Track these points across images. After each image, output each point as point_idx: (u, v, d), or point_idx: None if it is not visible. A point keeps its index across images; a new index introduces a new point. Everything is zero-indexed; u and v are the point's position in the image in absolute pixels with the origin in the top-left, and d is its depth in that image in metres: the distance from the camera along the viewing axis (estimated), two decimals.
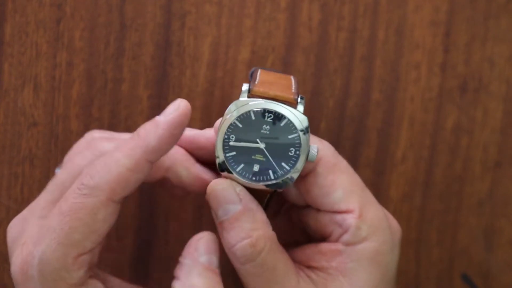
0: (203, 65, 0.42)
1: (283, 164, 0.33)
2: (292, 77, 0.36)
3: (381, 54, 0.43)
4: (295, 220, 0.38)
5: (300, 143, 0.33)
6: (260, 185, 0.33)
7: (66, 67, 0.41)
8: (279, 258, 0.33)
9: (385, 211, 0.36)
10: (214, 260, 0.33)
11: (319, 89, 0.43)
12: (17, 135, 0.41)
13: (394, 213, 0.44)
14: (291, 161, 0.33)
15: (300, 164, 0.33)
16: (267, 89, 0.34)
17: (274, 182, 0.33)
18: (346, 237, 0.34)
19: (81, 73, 0.42)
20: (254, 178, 0.33)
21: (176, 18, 0.42)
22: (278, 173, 0.33)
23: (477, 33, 0.44)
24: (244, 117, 0.33)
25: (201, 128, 0.42)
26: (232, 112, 0.33)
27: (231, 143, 0.33)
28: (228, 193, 0.33)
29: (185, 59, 0.42)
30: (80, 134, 0.42)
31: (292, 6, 0.42)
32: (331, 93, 0.43)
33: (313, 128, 0.43)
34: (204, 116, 0.42)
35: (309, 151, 0.33)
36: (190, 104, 0.42)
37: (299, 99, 0.34)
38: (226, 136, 0.33)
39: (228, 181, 0.33)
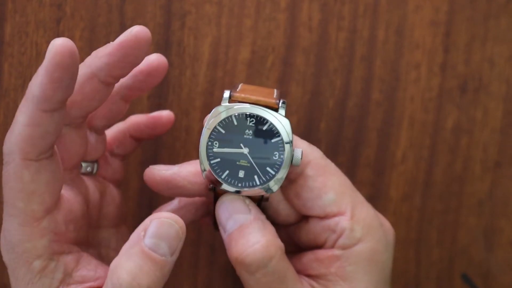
0: (203, 65, 0.42)
1: (267, 168, 0.33)
2: (274, 89, 0.36)
3: (381, 54, 0.43)
4: (284, 238, 0.37)
5: (283, 147, 0.33)
6: (247, 192, 0.33)
7: None
8: (289, 268, 0.33)
9: (376, 211, 0.36)
10: (163, 248, 0.31)
11: (319, 89, 0.43)
12: None
13: (394, 213, 0.44)
14: (276, 166, 0.33)
15: (284, 169, 0.33)
16: (248, 94, 0.34)
17: (259, 187, 0.33)
18: (341, 241, 0.34)
19: None
20: (240, 185, 0.33)
21: (176, 18, 0.42)
22: (263, 178, 0.33)
23: (477, 33, 0.44)
24: (226, 123, 0.33)
25: (200, 128, 0.42)
26: (214, 118, 0.33)
27: (215, 150, 0.33)
28: (238, 204, 0.33)
29: (185, 59, 0.42)
30: None
31: (292, 6, 0.42)
32: (331, 93, 0.43)
33: (313, 128, 0.43)
34: (204, 116, 0.42)
35: (293, 155, 0.33)
36: (190, 104, 0.43)
37: (280, 103, 0.34)
38: (209, 143, 0.33)
39: (235, 194, 0.33)
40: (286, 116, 0.33)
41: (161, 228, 0.31)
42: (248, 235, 0.32)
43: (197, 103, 0.42)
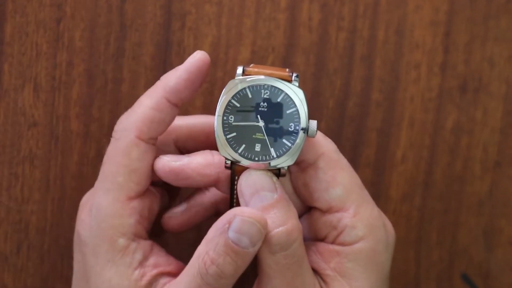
0: None
1: (284, 140, 0.33)
2: (286, 68, 0.36)
3: (381, 54, 0.43)
4: None
5: (298, 118, 0.33)
6: (263, 166, 0.33)
7: (66, 67, 0.41)
8: (305, 254, 0.34)
9: (380, 211, 0.36)
10: (246, 241, 0.32)
11: (319, 89, 0.43)
12: (17, 135, 0.42)
13: (394, 213, 0.44)
14: (292, 137, 0.33)
15: (300, 141, 0.33)
16: (261, 69, 0.34)
17: (277, 160, 0.33)
18: (342, 238, 0.34)
19: (81, 73, 0.42)
20: (256, 159, 0.33)
21: (176, 18, 0.42)
22: (280, 151, 0.33)
23: (477, 33, 0.44)
24: (241, 96, 0.33)
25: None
26: (228, 92, 0.33)
27: (231, 123, 0.33)
28: (266, 180, 0.33)
29: (185, 59, 0.42)
30: (80, 134, 0.42)
31: (292, 6, 0.42)
32: (331, 93, 0.43)
33: None
34: None
35: (308, 126, 0.33)
36: (190, 104, 0.43)
37: (293, 76, 0.34)
38: (224, 117, 0.33)
39: (263, 170, 0.33)
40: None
41: (244, 225, 0.32)
42: (274, 216, 0.32)
43: (197, 103, 0.42)
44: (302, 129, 0.33)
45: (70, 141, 0.42)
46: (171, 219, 0.38)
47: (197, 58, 0.34)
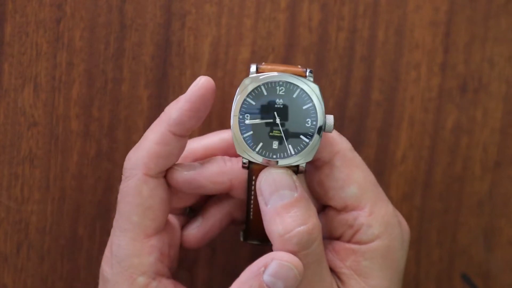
0: (203, 65, 0.42)
1: (301, 137, 0.33)
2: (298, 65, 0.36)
3: (381, 54, 0.43)
4: None
5: (315, 113, 0.33)
6: (283, 163, 0.33)
7: (66, 67, 0.41)
8: (324, 253, 0.33)
9: (395, 209, 0.36)
10: (280, 286, 0.32)
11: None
12: (17, 135, 0.41)
13: None
14: (309, 133, 0.33)
15: (318, 136, 0.32)
16: (275, 66, 0.34)
17: (294, 157, 0.33)
18: (358, 237, 0.34)
19: (81, 73, 0.42)
20: (274, 156, 0.33)
21: (176, 18, 0.42)
22: (298, 148, 0.33)
23: (477, 33, 0.44)
24: (256, 94, 0.33)
25: (202, 129, 0.42)
26: (244, 90, 0.33)
27: (247, 122, 0.33)
28: (286, 179, 0.33)
29: (185, 59, 0.42)
30: (80, 134, 0.42)
31: (292, 6, 0.42)
32: (331, 93, 0.43)
33: None
34: None
35: (325, 121, 0.33)
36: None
37: (308, 72, 0.33)
38: (240, 116, 0.33)
39: (284, 167, 0.33)
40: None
41: (281, 270, 0.31)
42: (294, 215, 0.32)
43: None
44: (319, 125, 0.33)
45: (70, 141, 0.42)
46: (190, 236, 0.37)
47: (199, 85, 0.33)
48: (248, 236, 0.37)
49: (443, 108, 0.44)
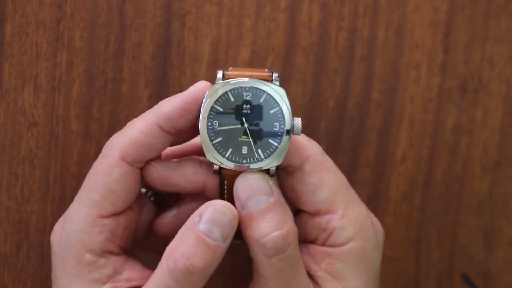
0: (203, 65, 0.42)
1: (270, 141, 0.33)
2: (265, 69, 0.36)
3: (381, 54, 0.43)
4: None
5: (282, 117, 0.33)
6: (253, 168, 0.33)
7: (66, 67, 0.41)
8: (299, 256, 0.34)
9: (369, 211, 0.36)
10: (216, 233, 0.32)
11: (319, 89, 0.43)
12: (17, 135, 0.41)
13: (394, 213, 0.44)
14: (278, 137, 0.33)
15: (286, 139, 0.33)
16: (241, 72, 0.34)
17: (265, 162, 0.33)
18: (332, 240, 0.34)
19: (81, 73, 0.42)
20: (244, 161, 0.33)
21: (176, 18, 0.42)
22: (267, 151, 0.33)
23: (477, 33, 0.44)
24: (223, 100, 0.33)
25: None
26: (210, 97, 0.33)
27: (216, 128, 0.33)
28: (262, 184, 0.33)
29: (185, 59, 0.42)
30: (80, 134, 0.42)
31: (292, 6, 0.42)
32: (331, 93, 0.43)
33: (313, 128, 0.43)
34: None
35: (293, 124, 0.33)
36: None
37: (274, 76, 0.34)
38: (209, 123, 0.33)
39: (261, 172, 0.33)
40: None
41: (215, 215, 0.32)
42: (270, 220, 0.32)
43: None
44: (287, 128, 0.33)
45: (70, 141, 0.42)
46: (163, 225, 0.37)
47: (198, 88, 0.33)
48: None
49: (443, 108, 0.44)
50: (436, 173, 0.44)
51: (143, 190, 0.38)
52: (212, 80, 0.43)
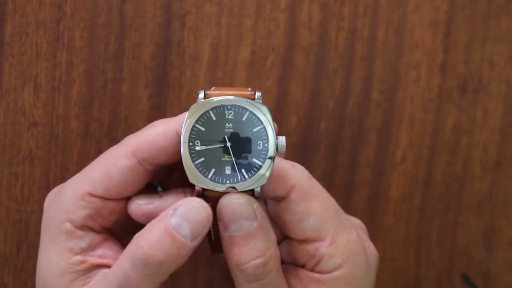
0: (203, 65, 0.42)
1: (254, 160, 0.32)
2: (248, 88, 0.35)
3: (381, 54, 0.43)
4: None
5: (266, 135, 0.32)
6: (237, 189, 0.32)
7: (66, 67, 0.41)
8: (282, 278, 0.33)
9: (361, 233, 0.36)
10: (185, 229, 0.31)
11: (319, 89, 0.43)
12: (17, 135, 0.42)
13: (394, 213, 0.44)
14: (262, 156, 0.32)
15: (270, 159, 0.32)
16: (223, 91, 0.33)
17: (248, 181, 0.32)
18: (320, 267, 0.34)
19: (81, 73, 0.42)
20: (228, 182, 0.32)
21: (176, 18, 0.42)
22: (251, 171, 0.32)
23: (477, 33, 0.44)
24: (205, 119, 0.32)
25: None
26: (191, 117, 0.32)
27: (197, 148, 0.32)
28: (245, 208, 0.32)
29: (185, 59, 0.42)
30: (80, 134, 0.42)
31: (292, 6, 0.42)
32: (331, 93, 0.43)
33: (313, 128, 0.43)
34: None
35: (277, 143, 0.32)
36: (190, 104, 0.42)
37: (257, 95, 0.33)
38: (191, 143, 0.32)
39: (245, 195, 0.32)
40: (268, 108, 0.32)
41: (189, 211, 0.31)
42: (252, 246, 0.32)
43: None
44: (271, 147, 0.32)
45: (70, 141, 0.42)
46: (139, 209, 0.35)
47: None
48: (214, 249, 0.36)
49: (443, 108, 0.44)
50: (436, 173, 0.44)
51: (156, 186, 0.37)
52: (210, 81, 0.43)
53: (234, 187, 0.32)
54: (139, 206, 0.34)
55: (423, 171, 0.44)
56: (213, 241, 0.35)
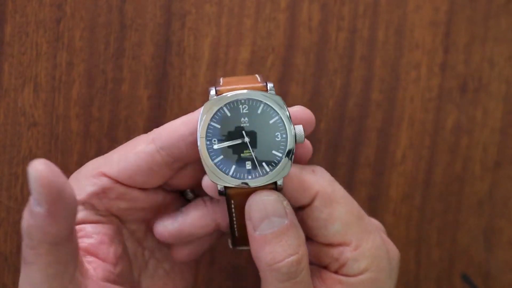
0: (203, 65, 0.42)
1: (273, 152, 0.32)
2: (255, 75, 0.35)
3: (381, 54, 0.43)
4: None
5: (283, 126, 0.32)
6: (259, 183, 0.31)
7: (66, 67, 0.41)
8: (310, 279, 0.33)
9: (383, 236, 0.36)
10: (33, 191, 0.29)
11: (319, 89, 0.43)
12: (17, 135, 0.41)
13: (394, 213, 0.44)
14: (281, 147, 0.32)
15: (291, 145, 0.31)
16: (234, 85, 0.32)
17: (271, 175, 0.31)
18: (345, 270, 0.34)
19: (81, 73, 0.42)
20: (250, 177, 0.31)
21: (176, 18, 0.42)
22: (272, 164, 0.31)
23: (477, 33, 0.44)
24: (220, 116, 0.32)
25: None
26: (205, 115, 0.32)
27: (215, 147, 0.31)
28: (276, 205, 0.32)
29: (185, 59, 0.42)
30: (80, 134, 0.42)
31: (292, 6, 0.42)
32: (331, 93, 0.43)
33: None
34: None
35: (295, 132, 0.32)
36: (190, 104, 0.43)
37: (269, 86, 0.32)
38: (208, 142, 0.31)
39: (276, 193, 0.32)
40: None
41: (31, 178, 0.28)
42: (285, 243, 0.31)
43: (197, 103, 0.42)
44: (290, 137, 0.32)
45: (70, 141, 0.42)
46: (165, 229, 0.35)
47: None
48: (236, 244, 0.36)
49: (443, 108, 0.44)
50: (436, 173, 0.44)
51: (186, 192, 0.37)
52: (210, 81, 0.43)
53: (255, 182, 0.31)
54: (165, 227, 0.34)
55: (423, 171, 0.44)
56: (236, 239, 0.35)
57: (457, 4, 0.43)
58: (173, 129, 0.33)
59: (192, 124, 0.32)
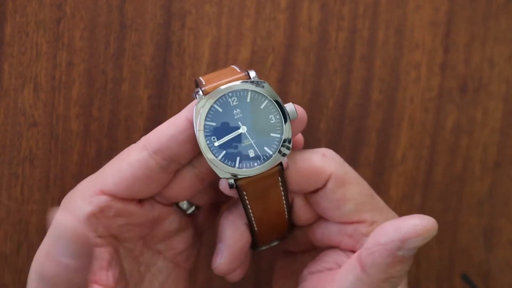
0: (203, 65, 0.42)
1: (272, 134, 0.33)
2: (232, 66, 0.35)
3: (381, 54, 0.43)
4: (300, 237, 0.38)
5: (274, 107, 0.33)
6: (266, 167, 0.32)
7: (66, 67, 0.41)
8: None
9: (395, 215, 0.36)
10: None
11: (319, 89, 0.43)
12: (17, 135, 0.42)
13: None
14: (277, 128, 0.33)
15: (287, 127, 0.33)
16: (216, 81, 0.33)
17: (274, 156, 0.33)
18: (359, 246, 0.34)
19: (81, 73, 0.42)
20: (256, 164, 0.32)
21: (176, 18, 0.42)
22: (273, 146, 0.33)
23: (477, 33, 0.44)
24: (212, 114, 0.33)
25: None
26: (199, 117, 0.32)
27: (216, 144, 0.32)
28: None
29: (185, 59, 0.42)
30: (80, 134, 0.42)
31: (292, 6, 0.42)
32: (331, 93, 0.43)
33: (313, 128, 0.43)
34: None
35: (286, 111, 0.33)
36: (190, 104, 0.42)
37: (251, 74, 0.33)
38: (208, 141, 0.32)
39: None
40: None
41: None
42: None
43: None
44: (282, 115, 0.33)
45: (70, 141, 0.42)
46: (220, 267, 0.35)
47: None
48: (257, 245, 0.36)
49: (443, 108, 0.44)
50: (436, 173, 0.44)
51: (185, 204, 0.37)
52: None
53: (262, 168, 0.32)
54: (221, 270, 0.35)
55: (423, 171, 0.44)
56: (256, 235, 0.35)
57: (457, 4, 0.43)
58: (162, 132, 0.33)
59: (180, 123, 0.33)
